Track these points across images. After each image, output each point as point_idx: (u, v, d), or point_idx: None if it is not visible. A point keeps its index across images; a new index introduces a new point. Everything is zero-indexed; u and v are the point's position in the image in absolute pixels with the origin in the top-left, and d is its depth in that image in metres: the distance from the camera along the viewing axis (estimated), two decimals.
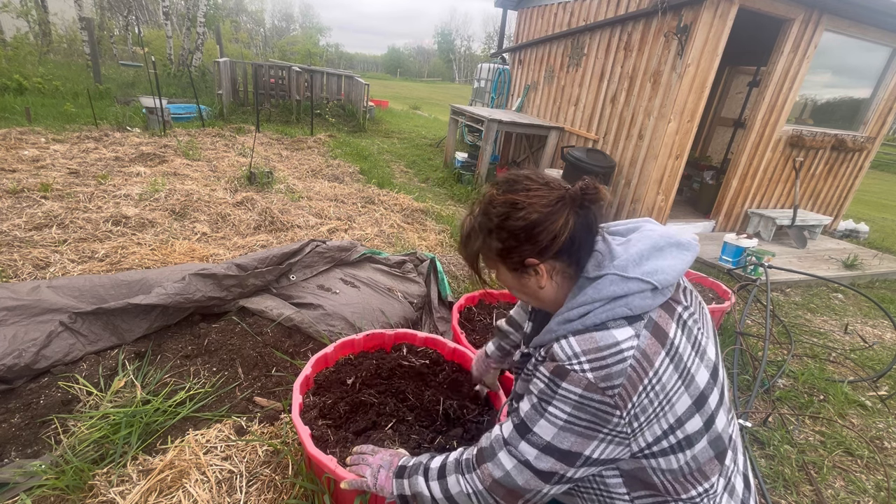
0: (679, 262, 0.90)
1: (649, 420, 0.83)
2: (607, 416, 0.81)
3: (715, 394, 0.89)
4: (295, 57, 29.77)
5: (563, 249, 0.89)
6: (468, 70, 60.26)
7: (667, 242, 0.92)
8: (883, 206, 10.08)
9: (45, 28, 13.65)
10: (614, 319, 0.84)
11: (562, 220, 0.87)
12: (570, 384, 0.82)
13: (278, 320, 2.22)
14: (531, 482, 0.87)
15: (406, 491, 1.03)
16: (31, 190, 3.68)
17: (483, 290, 2.46)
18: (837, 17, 4.49)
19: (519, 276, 0.96)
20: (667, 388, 0.83)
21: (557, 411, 0.84)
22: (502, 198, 0.90)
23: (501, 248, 0.92)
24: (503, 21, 8.43)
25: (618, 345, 0.82)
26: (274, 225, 3.70)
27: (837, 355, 2.98)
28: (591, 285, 0.88)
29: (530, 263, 0.91)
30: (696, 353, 0.88)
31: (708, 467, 0.89)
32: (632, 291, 0.85)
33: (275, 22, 60.14)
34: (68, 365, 1.85)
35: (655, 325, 0.85)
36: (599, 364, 0.81)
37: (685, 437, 0.86)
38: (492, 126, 5.90)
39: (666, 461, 0.86)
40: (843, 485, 1.93)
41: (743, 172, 5.09)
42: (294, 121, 9.16)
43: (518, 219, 0.88)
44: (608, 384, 0.80)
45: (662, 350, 0.83)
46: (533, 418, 0.87)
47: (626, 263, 0.88)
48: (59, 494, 1.39)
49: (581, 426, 0.83)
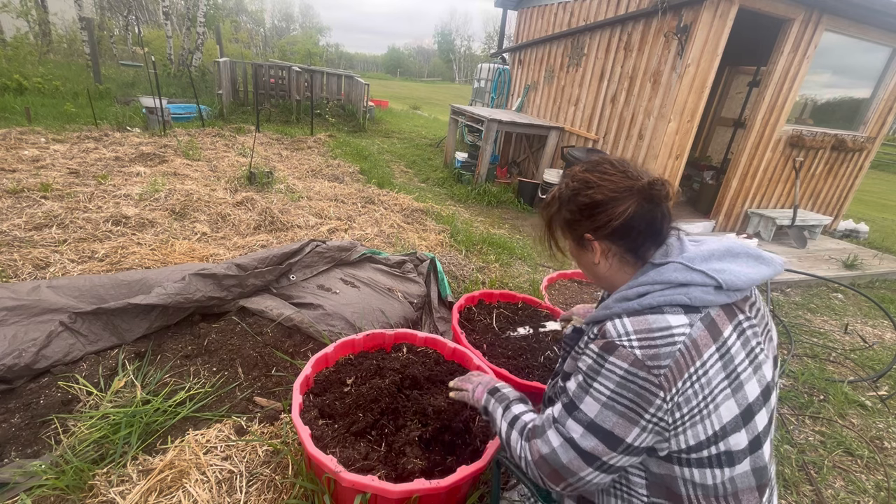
0: (752, 271, 0.89)
1: (692, 416, 0.82)
2: (651, 395, 0.81)
3: (763, 417, 0.87)
4: (295, 57, 29.77)
5: (617, 233, 0.94)
6: (468, 70, 60.24)
7: (744, 251, 0.93)
8: (883, 206, 10.08)
9: (45, 28, 13.64)
10: (671, 305, 0.85)
11: (622, 207, 0.92)
12: (618, 359, 0.83)
13: (278, 320, 2.22)
14: (574, 462, 0.87)
15: (490, 408, 1.15)
16: (31, 190, 3.68)
17: (483, 291, 2.46)
18: (837, 17, 4.49)
19: (579, 249, 1.04)
20: (712, 384, 0.82)
21: (602, 387, 0.85)
22: (581, 175, 0.99)
23: (569, 218, 1.01)
24: (503, 21, 8.43)
25: (670, 329, 0.83)
26: (274, 225, 3.70)
27: (837, 355, 2.98)
28: (655, 269, 0.92)
29: (587, 238, 0.98)
30: (749, 363, 0.86)
31: (745, 497, 0.86)
32: (694, 282, 0.86)
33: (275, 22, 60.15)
34: (68, 365, 1.85)
35: (712, 321, 0.85)
36: (649, 343, 0.82)
37: (727, 451, 0.83)
38: (492, 126, 5.90)
39: (701, 474, 0.84)
40: (843, 485, 1.93)
41: (743, 172, 5.09)
42: (294, 121, 9.16)
43: (585, 196, 0.96)
44: (655, 363, 0.81)
45: (714, 345, 0.83)
46: (579, 395, 0.89)
47: (693, 256, 0.90)
48: (59, 494, 1.39)
49: (624, 405, 0.83)
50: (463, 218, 4.88)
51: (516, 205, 5.83)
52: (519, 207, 5.77)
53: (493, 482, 1.29)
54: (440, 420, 1.48)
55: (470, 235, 4.12)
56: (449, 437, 1.45)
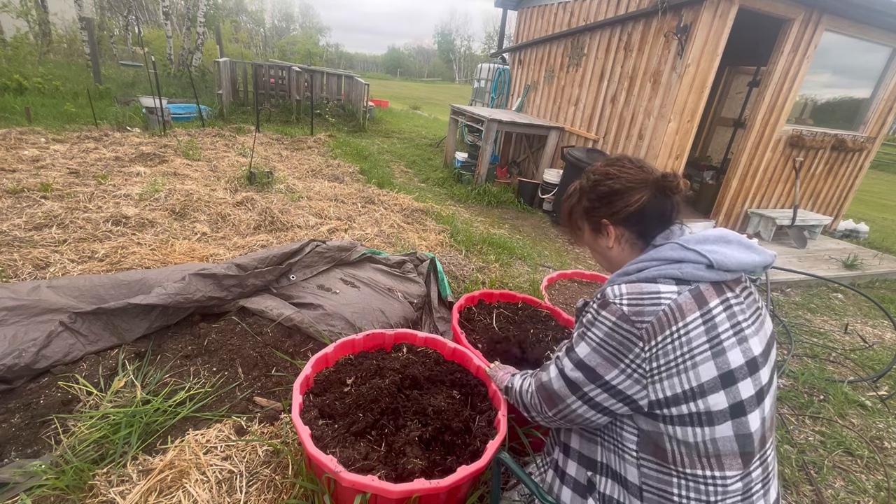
0: (743, 256, 0.98)
1: (669, 368, 0.92)
2: (631, 344, 0.94)
3: (749, 387, 0.93)
4: (295, 57, 29.78)
5: (630, 219, 1.08)
6: (468, 70, 60.23)
7: (736, 239, 1.02)
8: (883, 206, 10.08)
9: (45, 28, 13.63)
10: (665, 277, 0.97)
11: (636, 196, 1.06)
12: (609, 313, 0.98)
13: (278, 320, 2.22)
14: (562, 390, 1.06)
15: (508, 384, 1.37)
16: (31, 190, 3.68)
17: (483, 291, 2.46)
18: (837, 17, 4.49)
19: (595, 235, 1.18)
20: (692, 344, 0.91)
21: (593, 335, 1.00)
22: (602, 169, 1.14)
23: (588, 206, 1.16)
24: (503, 21, 8.43)
25: (658, 293, 0.95)
26: (274, 225, 3.70)
27: (837, 355, 2.98)
28: (654, 249, 1.05)
29: (603, 224, 1.12)
30: (734, 334, 0.94)
31: (728, 461, 0.92)
32: (687, 259, 0.97)
33: (275, 22, 60.15)
34: (68, 365, 1.85)
35: (700, 293, 0.95)
36: (637, 302, 0.95)
37: (707, 411, 0.91)
38: (492, 126, 5.90)
39: (683, 431, 0.92)
40: (843, 485, 1.93)
41: (743, 172, 5.09)
42: (294, 121, 9.16)
43: (605, 186, 1.10)
44: (639, 318, 0.94)
45: (698, 311, 0.93)
46: (577, 341, 1.05)
47: (689, 239, 1.03)
48: (59, 494, 1.39)
49: (608, 350, 0.97)
50: (463, 218, 4.88)
51: (516, 205, 5.83)
52: (519, 207, 5.77)
53: (493, 482, 1.29)
54: (440, 420, 1.48)
55: (470, 235, 4.12)
56: (449, 437, 1.45)
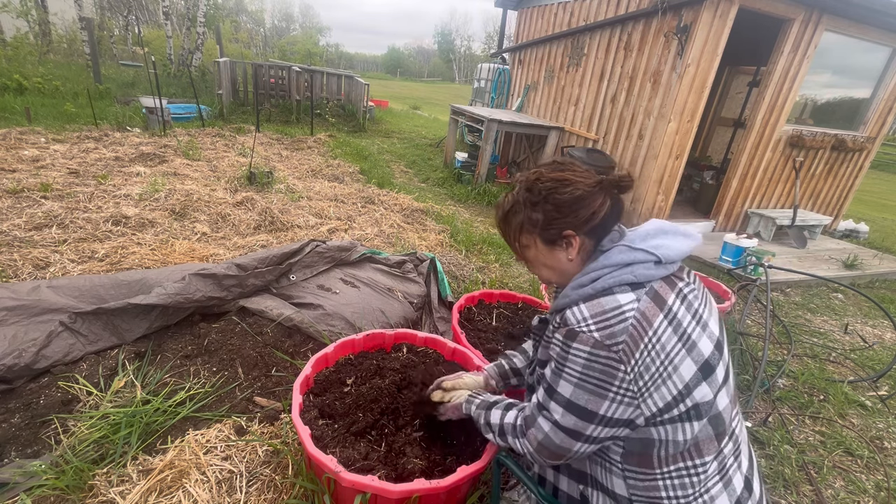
0: (682, 244, 1.00)
1: (654, 380, 0.90)
2: (613, 370, 0.90)
3: (721, 369, 0.95)
4: (295, 57, 29.77)
5: (597, 226, 1.02)
6: (468, 70, 60.21)
7: (672, 228, 1.04)
8: (883, 206, 10.08)
9: (45, 28, 13.63)
10: (620, 285, 0.94)
11: (600, 200, 1.01)
12: (580, 343, 0.92)
13: (278, 320, 2.22)
14: (565, 441, 0.97)
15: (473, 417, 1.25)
16: (31, 190, 3.68)
17: (483, 291, 2.46)
18: (837, 17, 4.49)
19: (551, 250, 1.06)
20: (667, 349, 0.90)
21: (571, 370, 0.94)
22: (551, 175, 1.03)
23: (543, 219, 1.03)
24: (503, 21, 8.43)
25: (620, 307, 0.92)
26: (274, 225, 3.70)
27: (837, 355, 2.98)
28: (603, 255, 1.01)
29: (567, 235, 1.02)
30: (696, 322, 0.95)
31: (705, 446, 0.94)
32: (637, 260, 0.96)
33: (275, 22, 60.15)
34: (68, 365, 1.85)
35: (656, 293, 0.94)
36: (604, 324, 0.91)
37: (695, 405, 0.91)
38: (492, 126, 5.90)
39: (674, 430, 0.92)
40: (843, 485, 1.93)
41: (743, 172, 5.09)
42: (294, 121, 9.16)
43: (565, 193, 1.01)
44: (612, 341, 0.90)
45: (661, 313, 0.92)
46: (555, 380, 0.98)
47: (634, 237, 1.01)
48: (59, 494, 1.39)
49: (593, 383, 0.92)
50: (463, 218, 4.88)
51: None
52: None
53: (493, 482, 1.29)
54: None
55: (470, 235, 4.12)
56: (449, 437, 1.45)
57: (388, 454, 1.35)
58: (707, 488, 0.94)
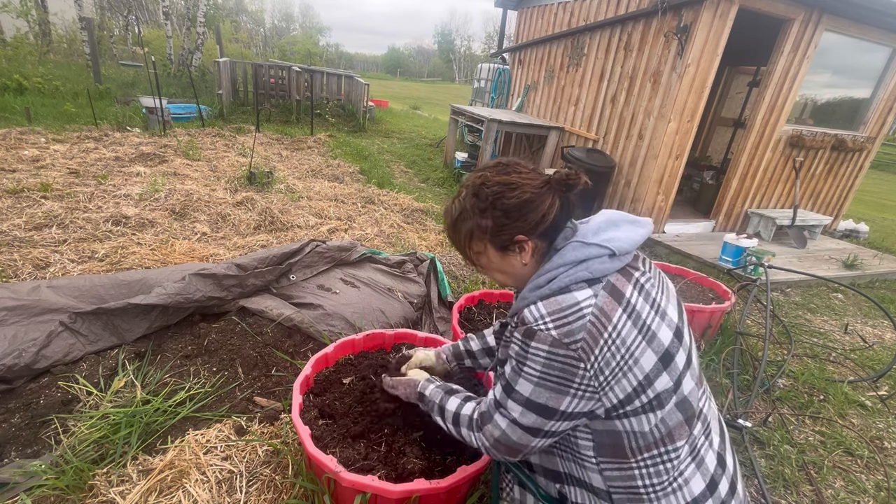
0: (633, 234, 1.00)
1: (615, 374, 0.89)
2: (573, 368, 0.89)
3: (682, 355, 0.96)
4: (295, 57, 29.78)
5: (549, 229, 0.99)
6: (468, 70, 60.22)
7: (621, 218, 1.04)
8: (883, 206, 10.08)
9: (45, 28, 13.64)
10: (576, 283, 0.93)
11: (549, 201, 0.98)
12: (538, 342, 0.91)
13: (278, 320, 2.22)
14: (523, 438, 0.97)
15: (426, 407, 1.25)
16: (31, 190, 3.68)
17: (483, 291, 2.46)
18: (837, 17, 4.49)
19: (504, 255, 1.04)
20: (627, 343, 0.89)
21: (530, 369, 0.93)
22: (496, 178, 0.99)
23: (493, 226, 1.00)
24: (503, 21, 8.43)
25: (578, 304, 0.91)
26: (274, 225, 3.70)
27: (837, 355, 2.98)
28: (557, 253, 0.99)
29: (519, 240, 1.00)
30: (655, 312, 0.95)
31: (677, 432, 0.93)
32: (591, 256, 0.95)
33: (275, 22, 60.18)
34: (68, 365, 1.85)
35: (613, 287, 0.93)
36: (562, 322, 0.90)
37: (656, 396, 0.91)
38: (492, 126, 5.90)
39: (638, 422, 0.91)
40: (843, 485, 1.93)
41: (743, 172, 5.09)
42: (294, 121, 9.16)
43: (512, 197, 0.97)
44: (571, 339, 0.88)
45: (619, 307, 0.91)
46: (514, 378, 0.97)
47: (586, 232, 1.00)
48: (59, 494, 1.39)
49: (553, 381, 0.91)
50: None
51: None
52: None
53: (493, 482, 1.29)
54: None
55: None
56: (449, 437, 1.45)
57: (388, 454, 1.35)
58: (681, 472, 0.95)
